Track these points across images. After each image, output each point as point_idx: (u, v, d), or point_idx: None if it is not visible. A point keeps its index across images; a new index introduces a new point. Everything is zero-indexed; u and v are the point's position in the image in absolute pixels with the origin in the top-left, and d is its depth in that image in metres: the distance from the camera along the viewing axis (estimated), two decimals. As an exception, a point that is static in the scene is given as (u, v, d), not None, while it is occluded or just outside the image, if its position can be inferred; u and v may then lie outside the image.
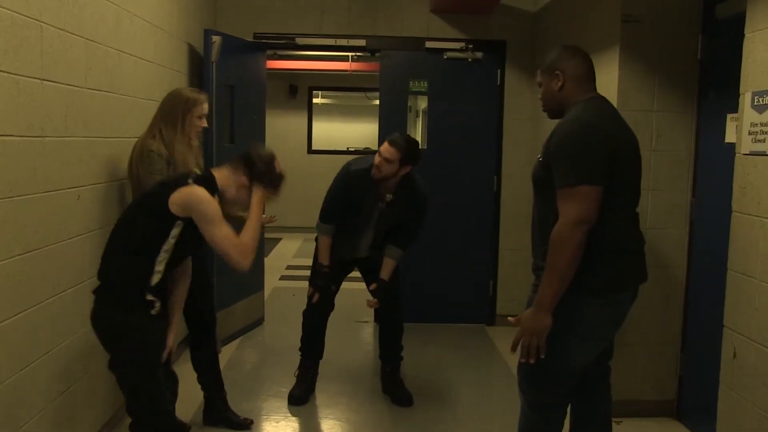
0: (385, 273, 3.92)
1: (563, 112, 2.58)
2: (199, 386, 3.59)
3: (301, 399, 4.00)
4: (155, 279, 2.64)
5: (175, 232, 2.61)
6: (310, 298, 4.01)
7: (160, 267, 2.63)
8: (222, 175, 2.77)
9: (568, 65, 2.57)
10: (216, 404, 3.59)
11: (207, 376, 3.56)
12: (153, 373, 2.68)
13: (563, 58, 2.59)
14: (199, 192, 2.61)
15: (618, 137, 2.47)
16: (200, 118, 3.31)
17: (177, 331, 2.96)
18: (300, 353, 4.14)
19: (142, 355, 2.65)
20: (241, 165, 2.77)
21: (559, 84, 2.57)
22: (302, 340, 4.13)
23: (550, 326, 2.39)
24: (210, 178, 2.74)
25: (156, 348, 2.73)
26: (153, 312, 2.67)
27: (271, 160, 2.81)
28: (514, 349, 2.50)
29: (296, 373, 4.12)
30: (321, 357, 4.15)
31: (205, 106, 3.34)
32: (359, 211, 3.85)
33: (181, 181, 2.66)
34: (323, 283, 3.92)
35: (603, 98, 2.59)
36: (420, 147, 3.85)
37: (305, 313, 4.10)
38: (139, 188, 3.16)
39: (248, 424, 3.64)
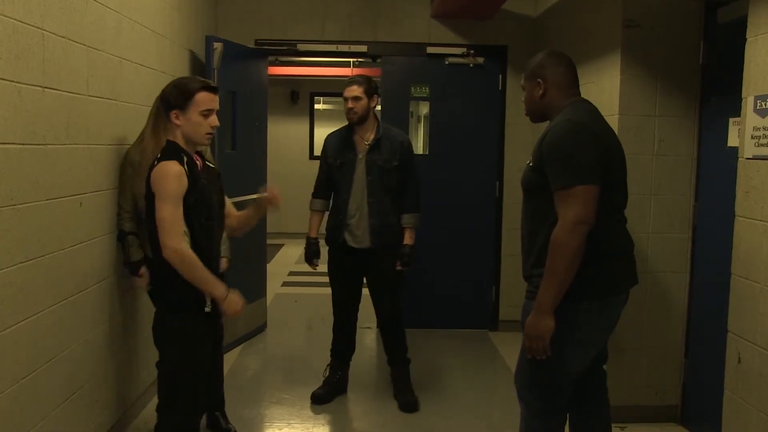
0: (408, 239, 3.96)
1: (546, 117, 2.63)
2: None
3: (322, 398, 4.05)
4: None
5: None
6: (335, 302, 4.09)
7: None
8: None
9: (549, 73, 2.59)
10: (216, 417, 3.59)
11: (214, 390, 3.54)
12: (198, 377, 2.68)
13: (545, 65, 2.61)
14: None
15: (606, 138, 2.50)
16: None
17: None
18: (330, 353, 4.19)
19: (192, 360, 2.65)
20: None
21: (541, 92, 2.60)
22: (333, 341, 4.19)
23: (552, 328, 2.39)
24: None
25: (205, 353, 2.70)
26: (206, 309, 2.61)
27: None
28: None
29: (325, 372, 4.17)
30: (350, 358, 4.18)
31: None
32: (342, 169, 3.92)
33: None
34: (313, 249, 4.05)
35: (587, 101, 2.62)
36: (422, 153, 3.90)
37: (334, 313, 4.15)
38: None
39: None
